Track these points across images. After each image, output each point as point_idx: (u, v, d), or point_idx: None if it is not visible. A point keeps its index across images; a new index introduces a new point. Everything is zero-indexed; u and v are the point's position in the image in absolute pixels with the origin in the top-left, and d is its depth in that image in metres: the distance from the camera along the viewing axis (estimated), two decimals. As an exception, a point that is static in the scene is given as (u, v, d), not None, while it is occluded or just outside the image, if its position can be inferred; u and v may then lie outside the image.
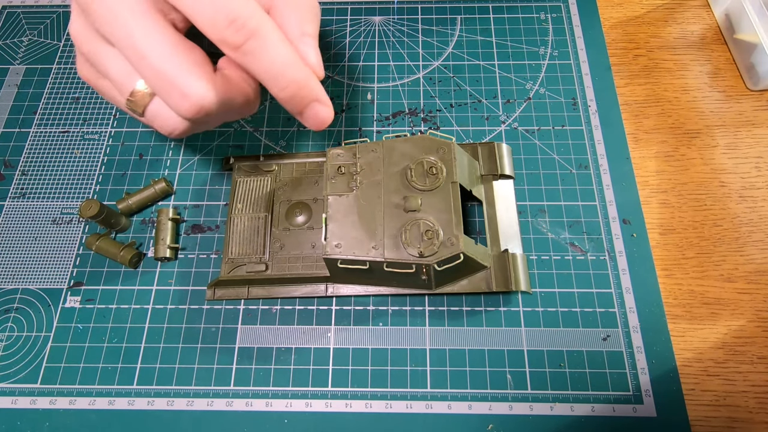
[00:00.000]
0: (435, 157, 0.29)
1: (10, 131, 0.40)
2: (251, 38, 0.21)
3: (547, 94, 0.40)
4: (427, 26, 0.44)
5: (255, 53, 0.22)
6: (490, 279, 0.30)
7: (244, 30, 0.21)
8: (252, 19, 0.21)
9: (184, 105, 0.22)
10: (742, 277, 0.34)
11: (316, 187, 0.34)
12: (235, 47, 0.21)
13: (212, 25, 0.21)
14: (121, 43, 0.22)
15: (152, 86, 0.22)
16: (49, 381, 0.32)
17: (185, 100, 0.22)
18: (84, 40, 0.23)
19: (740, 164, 0.37)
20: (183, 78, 0.22)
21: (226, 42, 0.21)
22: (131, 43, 0.21)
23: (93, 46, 0.23)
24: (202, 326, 0.33)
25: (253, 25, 0.21)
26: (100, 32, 0.22)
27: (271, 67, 0.22)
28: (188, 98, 0.22)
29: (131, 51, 0.21)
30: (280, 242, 0.33)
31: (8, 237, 0.36)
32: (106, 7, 0.21)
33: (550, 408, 0.30)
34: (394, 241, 0.28)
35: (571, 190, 0.36)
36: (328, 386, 0.31)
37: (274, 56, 0.22)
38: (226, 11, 0.21)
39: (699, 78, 0.41)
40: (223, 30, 0.21)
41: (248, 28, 0.21)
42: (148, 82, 0.22)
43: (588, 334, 0.32)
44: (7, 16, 0.45)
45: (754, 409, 0.31)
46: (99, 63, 0.23)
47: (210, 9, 0.21)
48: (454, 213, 0.28)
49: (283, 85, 0.23)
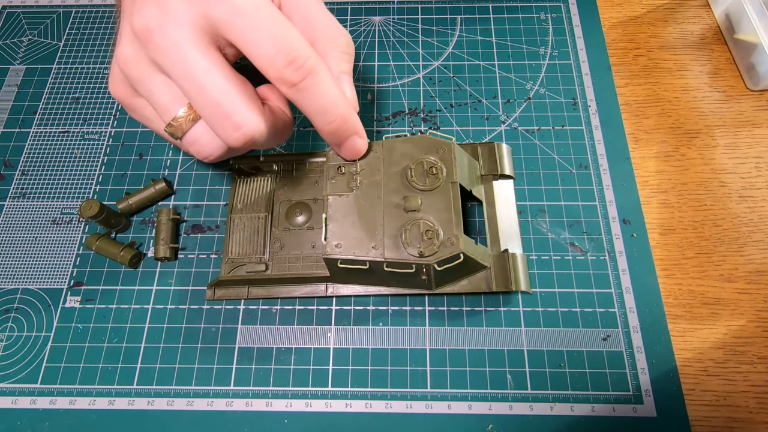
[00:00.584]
0: (435, 157, 0.29)
1: (10, 131, 0.40)
2: (308, 77, 0.23)
3: (547, 94, 0.40)
4: (427, 26, 0.44)
5: (309, 91, 0.23)
6: (490, 279, 0.30)
7: (303, 69, 0.23)
8: (310, 59, 0.23)
9: (234, 135, 0.23)
10: (742, 277, 0.34)
11: (316, 187, 0.34)
12: (292, 85, 0.23)
13: (272, 63, 0.22)
14: (181, 75, 0.23)
15: (206, 117, 0.23)
16: (49, 381, 0.32)
17: (237, 131, 0.23)
18: (134, 66, 0.24)
19: (740, 164, 0.37)
20: (239, 111, 0.23)
21: (284, 80, 0.23)
22: (191, 77, 0.22)
23: (143, 73, 0.24)
24: (202, 326, 0.33)
25: (310, 64, 0.23)
26: (155, 61, 0.23)
27: (321, 103, 0.24)
28: (240, 129, 0.23)
29: (190, 83, 0.23)
30: (280, 242, 0.33)
31: (8, 237, 0.36)
32: (169, 41, 0.22)
33: (550, 408, 0.30)
34: (394, 241, 0.28)
35: (571, 190, 0.36)
36: (328, 386, 0.31)
37: (325, 94, 0.24)
38: (286, 51, 0.22)
39: (699, 78, 0.41)
40: (282, 68, 0.22)
41: (306, 67, 0.23)
42: (202, 113, 0.23)
43: (588, 334, 0.32)
44: (7, 16, 0.45)
45: (754, 409, 0.31)
46: (145, 88, 0.24)
47: (271, 49, 0.22)
48: (454, 213, 0.28)
49: (331, 120, 0.25)
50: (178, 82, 0.23)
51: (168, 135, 0.26)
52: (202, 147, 0.25)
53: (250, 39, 0.22)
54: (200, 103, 0.23)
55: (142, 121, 0.28)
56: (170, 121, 0.24)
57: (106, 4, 0.45)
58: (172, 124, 0.24)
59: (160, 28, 0.22)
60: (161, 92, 0.24)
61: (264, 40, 0.22)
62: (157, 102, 0.24)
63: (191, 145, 0.25)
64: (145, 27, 0.22)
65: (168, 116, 0.24)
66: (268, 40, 0.22)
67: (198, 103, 0.23)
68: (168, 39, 0.22)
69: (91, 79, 0.42)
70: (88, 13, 0.45)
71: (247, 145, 0.24)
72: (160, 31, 0.22)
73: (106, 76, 0.42)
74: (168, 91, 0.24)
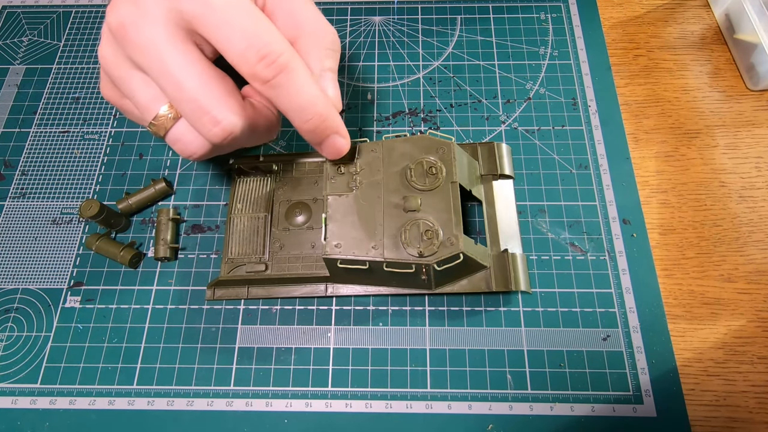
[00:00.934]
0: (435, 157, 0.29)
1: (10, 131, 0.40)
2: (281, 73, 0.22)
3: (547, 94, 0.40)
4: (427, 26, 0.44)
5: (283, 87, 0.23)
6: (489, 279, 0.30)
7: (275, 65, 0.22)
8: (283, 55, 0.22)
9: (213, 130, 0.23)
10: (742, 277, 0.34)
11: (315, 187, 0.34)
12: (265, 81, 0.22)
13: (243, 59, 0.22)
14: (156, 72, 0.22)
15: (184, 113, 0.23)
16: (49, 381, 0.32)
17: (216, 126, 0.23)
18: (114, 65, 0.24)
19: (740, 164, 0.37)
20: (216, 107, 0.22)
21: (256, 76, 0.22)
22: (167, 73, 0.22)
23: (122, 72, 0.24)
24: (202, 326, 0.33)
25: (284, 60, 0.22)
26: (132, 59, 0.23)
27: (297, 100, 0.23)
28: (219, 124, 0.23)
29: (166, 80, 0.22)
30: (279, 242, 0.33)
31: (8, 237, 0.36)
32: (143, 38, 0.22)
33: (550, 408, 0.30)
34: (394, 241, 0.28)
35: (571, 190, 0.36)
36: (328, 386, 0.31)
37: (301, 91, 0.23)
38: (258, 46, 0.22)
39: (699, 78, 0.41)
40: (254, 64, 0.22)
41: (278, 63, 0.22)
42: (180, 109, 0.23)
43: (588, 334, 0.32)
44: (7, 16, 0.45)
45: (754, 409, 0.31)
46: (126, 88, 0.24)
47: (242, 44, 0.22)
48: (453, 213, 0.28)
49: (307, 118, 0.24)
50: (156, 79, 0.23)
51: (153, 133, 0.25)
52: (185, 145, 0.25)
53: (222, 34, 0.22)
54: (178, 99, 0.23)
55: (135, 121, 0.27)
56: (152, 120, 0.24)
57: (106, 4, 0.45)
58: (154, 123, 0.24)
59: (134, 24, 0.22)
60: (141, 91, 0.24)
61: (235, 35, 0.22)
62: (139, 101, 0.24)
63: (174, 144, 0.25)
64: (119, 24, 0.22)
65: (149, 115, 0.24)
66: (239, 35, 0.22)
67: (176, 100, 0.23)
68: (143, 35, 0.22)
69: (91, 79, 0.42)
70: (88, 13, 0.45)
71: (228, 141, 0.24)
72: (134, 27, 0.22)
73: (106, 76, 0.42)
74: (147, 90, 0.24)
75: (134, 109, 0.26)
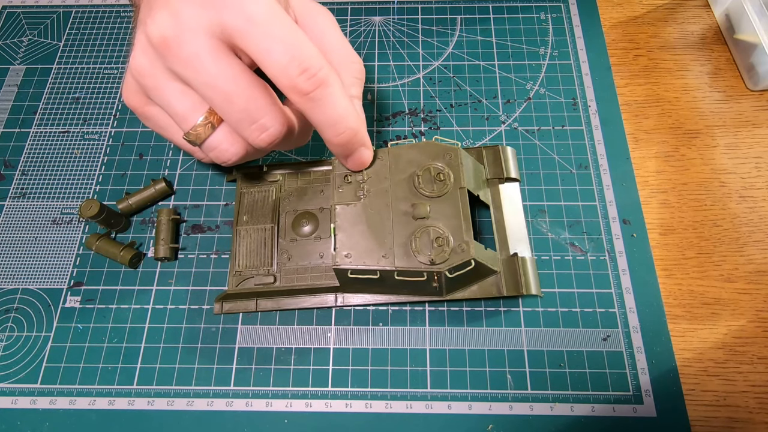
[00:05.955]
0: (442, 163, 0.29)
1: (10, 131, 0.40)
2: (319, 87, 0.23)
3: (547, 94, 0.40)
4: (427, 26, 0.44)
5: (320, 101, 0.23)
6: (500, 283, 0.30)
7: (314, 79, 0.23)
8: (322, 70, 0.23)
9: (261, 137, 0.24)
10: (742, 277, 0.34)
11: (321, 196, 0.34)
12: (304, 94, 0.23)
13: (284, 72, 0.22)
14: (203, 84, 0.23)
15: (232, 122, 0.24)
16: (49, 381, 0.32)
17: (264, 132, 0.24)
18: (150, 75, 0.24)
19: (740, 164, 0.37)
20: (264, 115, 0.23)
21: (296, 88, 0.23)
22: (215, 86, 0.23)
23: (159, 82, 0.24)
24: (202, 326, 0.33)
25: (323, 75, 0.23)
26: (173, 71, 0.23)
27: (332, 114, 0.24)
28: (267, 131, 0.24)
29: (215, 92, 0.23)
30: (287, 253, 0.33)
31: (8, 237, 0.36)
32: (188, 52, 0.22)
33: (550, 408, 0.30)
34: (404, 249, 0.27)
35: (571, 190, 0.36)
36: (328, 386, 0.31)
37: (336, 105, 0.24)
38: (299, 59, 0.22)
39: (699, 78, 0.41)
40: (295, 77, 0.22)
41: (318, 77, 0.23)
42: (228, 119, 0.24)
43: (588, 334, 0.32)
44: (7, 16, 0.45)
45: (754, 409, 0.31)
46: (162, 98, 0.24)
47: (284, 57, 0.22)
48: (463, 219, 0.28)
49: (340, 131, 0.25)
50: (201, 91, 0.23)
51: (185, 143, 0.26)
52: (221, 152, 0.25)
53: (263, 47, 0.22)
54: (227, 110, 0.23)
55: (156, 130, 0.28)
56: (189, 129, 0.24)
57: (106, 4, 0.45)
58: (191, 132, 0.24)
59: (176, 37, 0.22)
60: (178, 101, 0.24)
61: (277, 48, 0.22)
62: (175, 111, 0.24)
63: (211, 151, 0.25)
64: (161, 37, 0.22)
65: (187, 125, 0.24)
66: (281, 49, 0.22)
67: (224, 110, 0.23)
68: (187, 49, 0.22)
69: (91, 79, 0.42)
70: (88, 13, 0.45)
71: (272, 146, 0.25)
72: (176, 41, 0.22)
73: (107, 77, 0.42)
74: (186, 100, 0.24)
75: (158, 117, 0.27)
